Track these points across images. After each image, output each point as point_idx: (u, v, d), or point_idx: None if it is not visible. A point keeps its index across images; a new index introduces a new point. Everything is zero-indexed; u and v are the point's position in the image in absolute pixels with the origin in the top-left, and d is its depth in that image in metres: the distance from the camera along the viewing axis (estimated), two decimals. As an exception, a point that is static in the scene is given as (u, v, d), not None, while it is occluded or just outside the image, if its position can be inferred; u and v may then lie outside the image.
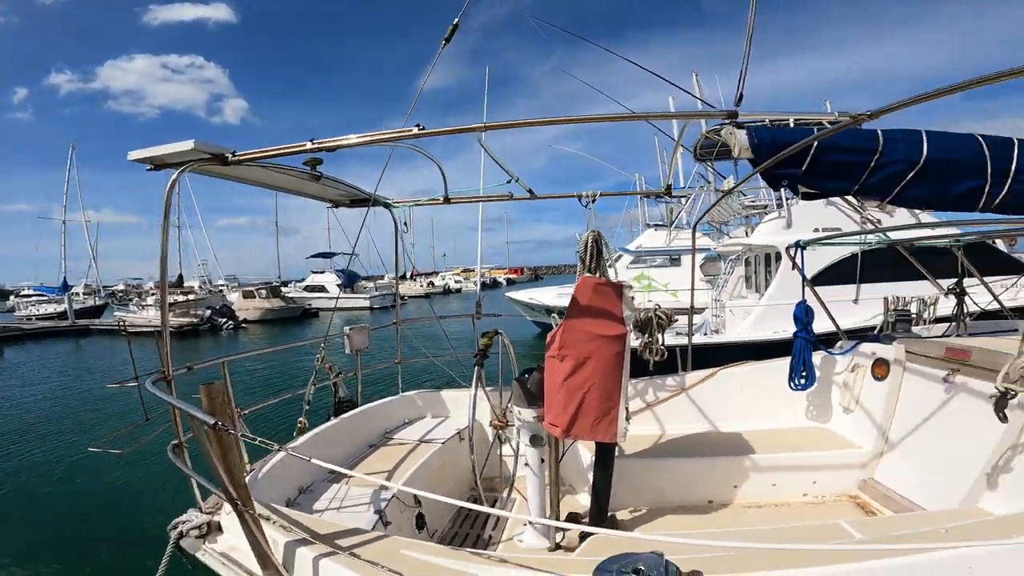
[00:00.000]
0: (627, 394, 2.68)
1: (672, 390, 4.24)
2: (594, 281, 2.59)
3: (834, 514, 3.27)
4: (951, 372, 3.11)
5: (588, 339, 2.54)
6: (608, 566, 1.51)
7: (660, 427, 4.11)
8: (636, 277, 16.84)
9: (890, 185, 3.00)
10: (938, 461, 3.05)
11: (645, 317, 4.27)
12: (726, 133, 3.35)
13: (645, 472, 3.57)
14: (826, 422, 4.02)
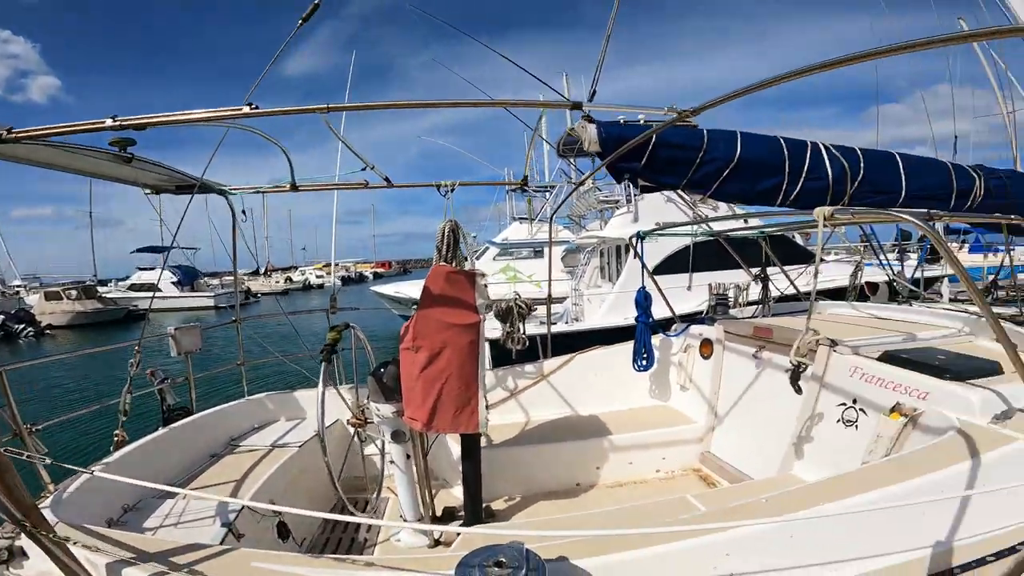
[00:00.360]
0: (485, 383, 2.68)
1: (533, 377, 4.35)
2: (446, 270, 2.54)
3: (682, 488, 3.54)
4: (759, 348, 3.52)
5: (442, 328, 2.49)
6: (470, 561, 1.46)
7: (525, 414, 4.20)
8: (502, 269, 17.27)
9: (711, 180, 3.35)
10: (758, 432, 3.39)
11: (506, 307, 4.35)
12: (578, 127, 3.48)
13: (514, 460, 3.61)
14: (667, 400, 4.38)
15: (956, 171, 3.62)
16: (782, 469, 3.01)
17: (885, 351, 2.85)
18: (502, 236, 18.39)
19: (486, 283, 2.57)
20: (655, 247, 10.53)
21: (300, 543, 2.95)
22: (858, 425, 2.70)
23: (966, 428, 2.11)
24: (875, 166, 3.44)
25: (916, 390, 2.46)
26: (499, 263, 17.48)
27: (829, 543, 1.83)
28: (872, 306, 4.26)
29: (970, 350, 2.86)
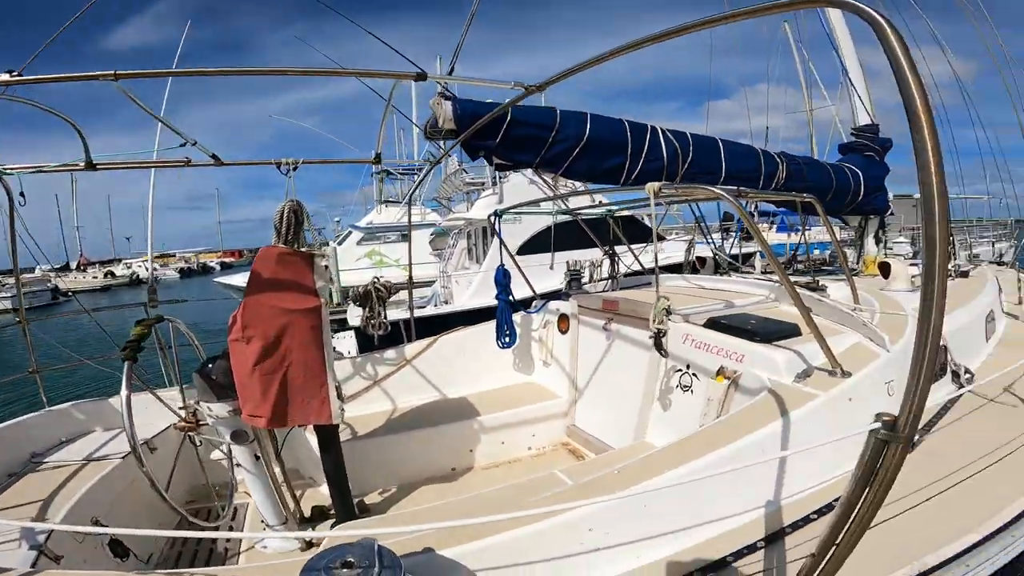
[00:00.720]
0: (335, 371, 2.49)
1: (396, 363, 4.18)
2: (277, 251, 2.29)
3: (553, 463, 3.59)
4: (608, 320, 3.71)
5: (277, 315, 2.24)
6: (315, 564, 1.31)
7: (391, 402, 4.03)
8: (367, 253, 16.59)
9: (562, 159, 3.45)
10: (614, 402, 3.56)
11: (364, 291, 4.11)
12: (434, 104, 3.37)
13: (384, 450, 3.45)
14: (532, 376, 4.46)
15: (764, 157, 4.15)
16: (637, 437, 3.19)
17: (709, 318, 3.12)
18: (366, 220, 17.63)
19: (326, 264, 2.35)
20: (519, 228, 10.81)
21: (146, 559, 2.60)
22: (693, 390, 2.94)
23: (776, 388, 2.35)
24: (702, 149, 3.81)
25: (735, 353, 2.72)
26: (364, 247, 16.76)
27: (678, 509, 1.93)
28: (700, 278, 4.71)
29: (776, 314, 3.22)
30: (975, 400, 3.11)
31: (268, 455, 2.66)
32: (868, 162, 5.29)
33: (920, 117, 1.15)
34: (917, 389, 1.20)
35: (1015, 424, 2.89)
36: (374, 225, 17.01)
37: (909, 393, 1.21)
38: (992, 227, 14.54)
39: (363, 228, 17.23)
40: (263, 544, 2.69)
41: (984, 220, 14.80)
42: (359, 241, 16.96)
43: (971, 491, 2.26)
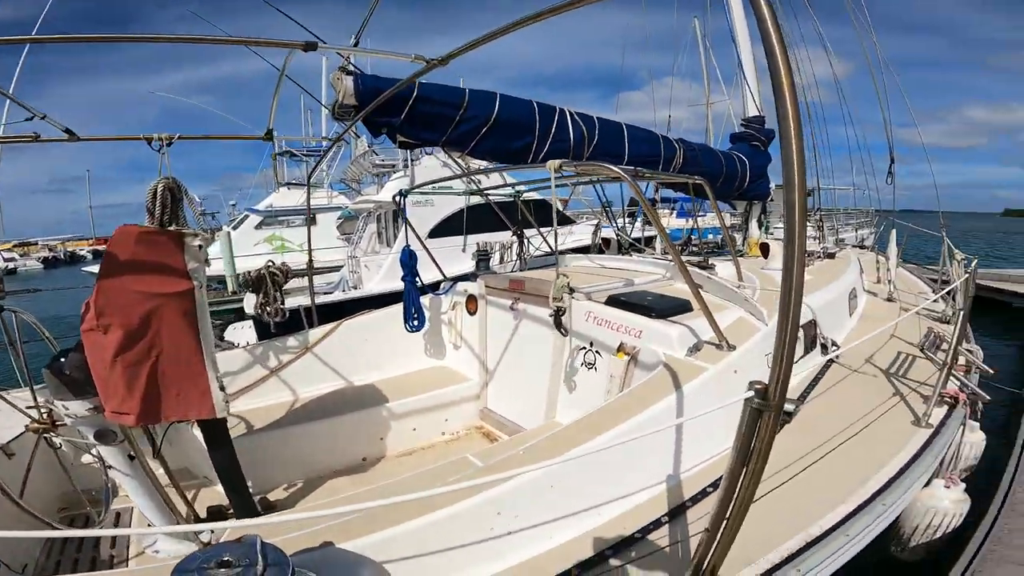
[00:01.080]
0: (215, 360, 2.26)
1: (296, 351, 3.92)
2: (137, 230, 2.02)
3: (467, 448, 3.54)
4: (515, 300, 3.72)
5: (140, 301, 1.98)
6: (187, 565, 1.17)
7: (291, 392, 3.79)
8: (267, 238, 15.54)
9: (469, 138, 3.40)
10: (524, 383, 3.57)
11: (256, 275, 3.81)
12: (334, 78, 3.20)
13: (286, 443, 3.24)
14: (442, 359, 4.39)
15: (664, 142, 4.36)
16: (547, 416, 3.23)
17: (610, 295, 3.21)
18: (266, 203, 16.46)
19: (201, 244, 2.11)
20: (430, 211, 10.60)
21: (21, 570, 2.35)
22: (597, 367, 3.02)
23: (670, 362, 2.46)
24: (607, 133, 3.91)
25: (633, 329, 2.82)
26: (263, 232, 15.67)
27: (586, 488, 1.97)
28: (603, 258, 4.86)
29: (671, 292, 3.40)
30: (842, 370, 3.48)
31: (140, 454, 2.39)
32: (754, 151, 5.74)
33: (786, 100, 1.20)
34: (783, 358, 1.28)
35: (876, 391, 3.27)
36: (274, 208, 15.92)
37: (776, 363, 1.29)
38: (856, 215, 16.45)
39: (262, 211, 16.10)
40: (154, 548, 2.49)
41: (850, 209, 16.71)
42: (258, 225, 15.83)
43: (844, 459, 2.49)
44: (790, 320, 1.26)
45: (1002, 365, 7.35)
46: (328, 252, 13.34)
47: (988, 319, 10.32)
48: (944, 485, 2.81)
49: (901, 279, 6.46)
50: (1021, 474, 3.74)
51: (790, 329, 1.26)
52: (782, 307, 1.26)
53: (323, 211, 16.15)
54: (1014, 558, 2.89)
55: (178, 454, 2.98)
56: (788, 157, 1.23)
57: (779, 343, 1.28)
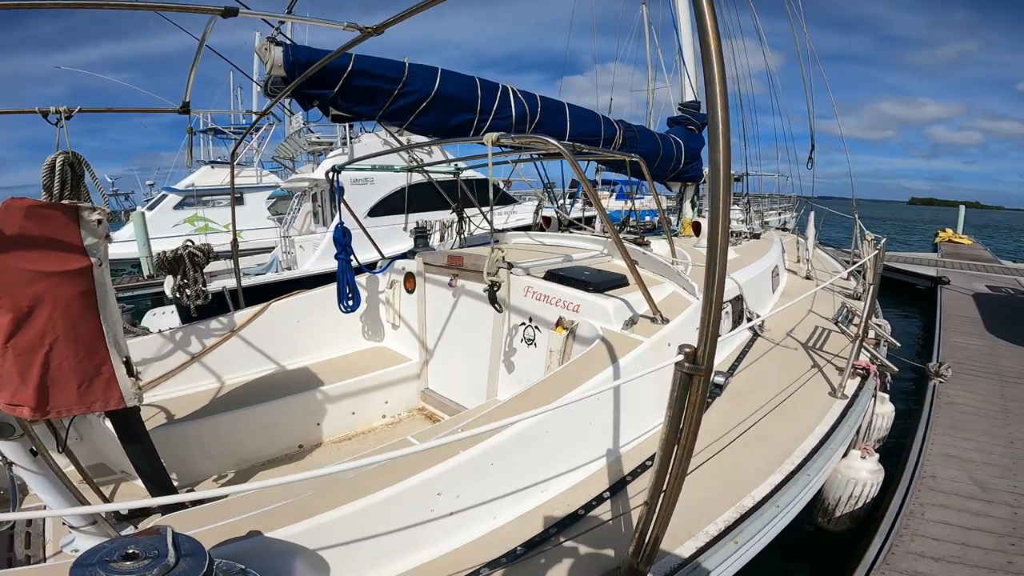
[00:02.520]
0: (123, 343, 2.07)
1: (220, 334, 3.67)
2: (26, 203, 1.80)
3: (408, 430, 3.48)
4: (454, 276, 3.65)
5: (30, 280, 1.77)
6: (87, 560, 1.06)
7: (217, 378, 3.57)
8: (188, 219, 14.53)
9: (407, 113, 3.26)
10: (465, 361, 3.53)
11: (173, 255, 3.54)
12: (261, 48, 2.98)
13: (214, 432, 3.06)
14: (380, 340, 4.26)
15: (604, 122, 4.38)
16: (489, 394, 3.21)
17: (548, 270, 3.22)
18: (186, 182, 15.35)
19: (100, 218, 1.91)
20: (370, 189, 10.23)
21: None
22: (536, 343, 3.02)
23: (607, 335, 2.49)
24: (549, 110, 3.88)
25: (571, 303, 2.84)
26: (184, 212, 14.64)
27: (527, 465, 1.95)
28: (542, 235, 4.88)
29: (609, 267, 3.46)
30: (766, 344, 3.69)
31: (42, 449, 2.18)
32: (689, 134, 5.92)
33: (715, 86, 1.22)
34: (710, 322, 1.31)
35: (797, 364, 3.49)
36: (195, 187, 14.83)
37: (703, 327, 1.33)
38: (780, 201, 17.45)
39: (182, 191, 15.00)
40: (72, 547, 2.29)
41: (775, 195, 17.69)
42: (177, 205, 14.76)
43: (770, 429, 2.63)
44: (715, 286, 1.29)
45: (907, 341, 8.10)
46: (258, 233, 12.65)
47: (895, 299, 11.30)
48: (860, 455, 3.05)
49: (818, 259, 6.92)
50: (928, 447, 4.02)
51: (716, 294, 1.29)
52: (708, 274, 1.29)
53: (252, 190, 15.27)
54: (929, 532, 3.07)
55: (91, 448, 2.77)
56: (715, 138, 1.26)
57: (705, 307, 1.32)
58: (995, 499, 3.39)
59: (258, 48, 2.99)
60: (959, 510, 3.27)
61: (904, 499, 3.35)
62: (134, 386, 2.07)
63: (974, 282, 11.12)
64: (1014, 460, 3.88)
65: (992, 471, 3.73)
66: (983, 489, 3.49)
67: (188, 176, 15.75)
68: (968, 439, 4.17)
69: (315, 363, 3.87)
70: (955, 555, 2.86)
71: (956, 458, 3.89)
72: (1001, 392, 5.12)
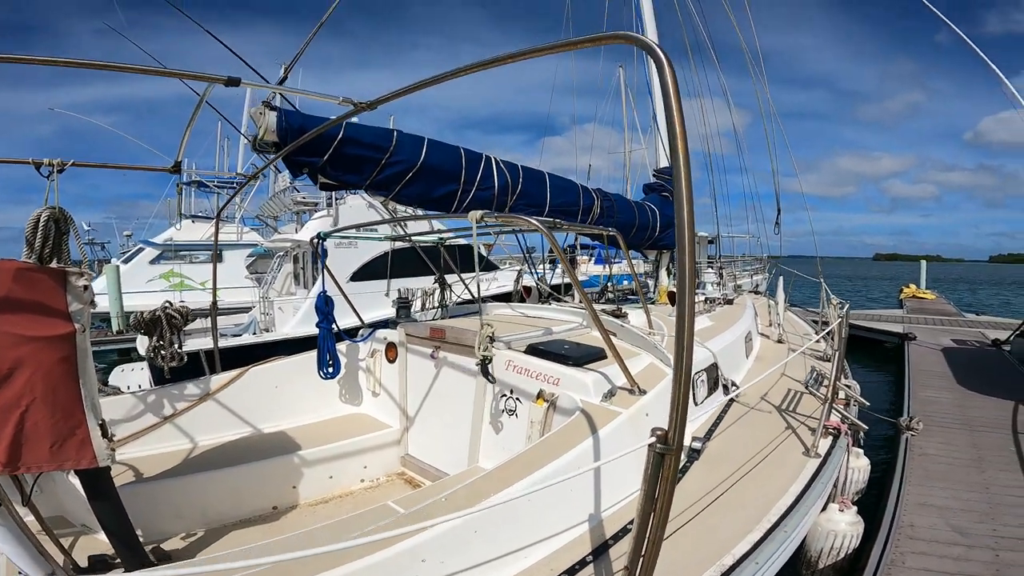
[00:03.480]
0: (98, 406, 2.06)
1: (194, 398, 3.66)
2: (13, 266, 1.84)
3: (388, 494, 3.42)
4: (436, 348, 3.70)
5: (12, 344, 1.79)
6: None
7: (189, 439, 3.54)
8: (164, 274, 14.35)
9: (394, 182, 3.41)
10: (447, 429, 3.53)
11: (150, 317, 3.54)
12: (255, 113, 3.13)
13: (183, 491, 3.01)
14: (360, 407, 4.25)
15: (583, 192, 4.60)
16: (471, 461, 3.21)
17: (529, 344, 3.30)
18: (165, 236, 15.28)
19: (86, 284, 1.95)
20: (353, 254, 10.33)
21: None
22: (518, 413, 3.06)
23: (586, 407, 2.56)
24: (531, 181, 4.08)
25: (552, 376, 2.91)
26: (161, 267, 14.48)
27: (510, 531, 1.96)
28: (524, 306, 4.97)
29: (588, 340, 3.53)
30: (741, 408, 3.77)
31: (7, 501, 2.12)
32: (664, 201, 6.18)
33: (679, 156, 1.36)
34: (679, 405, 1.41)
35: (771, 426, 3.58)
36: (173, 242, 14.76)
37: (673, 409, 1.42)
38: (752, 261, 18.05)
39: (159, 245, 14.90)
40: None
41: (747, 256, 18.32)
42: (154, 259, 14.62)
43: (748, 490, 2.70)
44: (683, 370, 1.38)
45: (881, 396, 8.28)
46: (234, 292, 12.52)
47: (866, 356, 11.61)
48: (839, 509, 3.14)
49: (789, 322, 7.14)
50: (904, 497, 4.11)
51: (683, 379, 1.39)
52: (676, 359, 1.40)
53: (232, 248, 15.22)
54: None
55: (51, 501, 2.73)
56: (680, 220, 1.38)
57: (675, 392, 1.41)
58: (976, 543, 3.44)
59: (252, 112, 3.11)
60: (940, 556, 3.32)
61: (884, 549, 3.39)
62: (107, 447, 2.07)
63: (940, 337, 11.52)
64: (991, 505, 3.95)
65: (970, 517, 3.79)
66: (963, 535, 3.54)
67: (167, 230, 15.69)
68: (943, 488, 4.26)
69: (292, 428, 3.84)
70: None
71: (933, 507, 3.96)
72: (973, 442, 5.27)
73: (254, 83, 2.63)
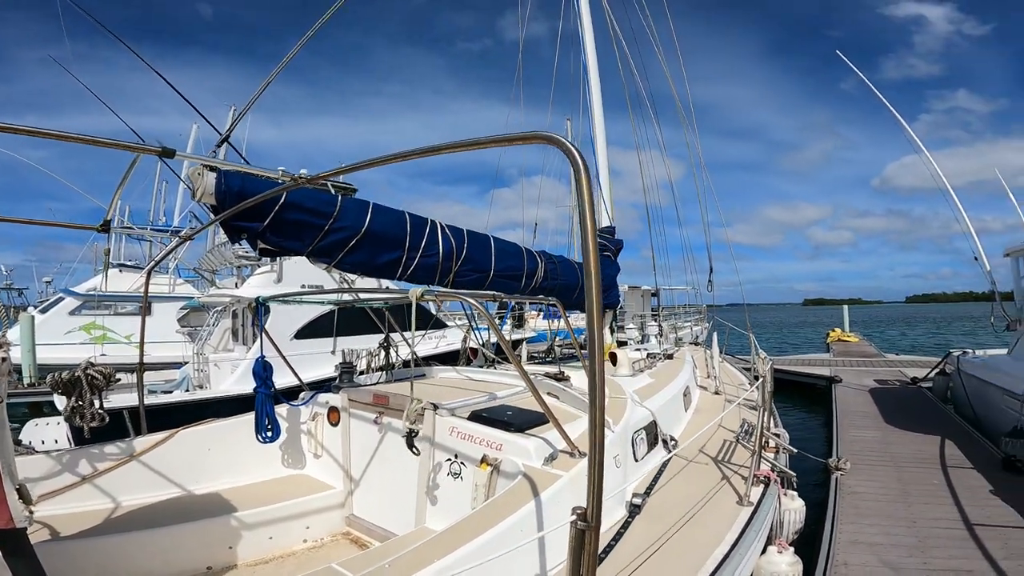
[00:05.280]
0: (14, 467, 1.96)
1: (118, 458, 3.50)
2: None
3: (333, 555, 3.34)
4: (379, 415, 3.69)
5: None
6: None
7: (112, 500, 3.39)
8: (85, 326, 13.41)
9: (337, 250, 3.36)
10: (393, 490, 3.51)
11: (69, 377, 3.42)
12: (193, 173, 3.00)
13: (107, 551, 2.92)
14: (302, 469, 4.14)
15: (527, 256, 4.71)
16: (417, 522, 3.19)
17: (472, 411, 3.35)
18: (88, 285, 14.37)
19: (4, 356, 1.89)
20: (299, 311, 10.07)
21: None
22: (462, 477, 3.08)
23: (528, 472, 2.64)
24: (475, 246, 4.13)
25: (495, 443, 2.97)
26: (80, 319, 13.54)
27: None
28: (468, 370, 5.03)
29: (532, 404, 3.50)
30: (680, 462, 3.91)
31: None
32: (606, 261, 6.36)
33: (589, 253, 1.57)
34: (595, 485, 1.52)
35: (708, 478, 3.73)
36: (98, 292, 13.87)
37: (591, 488, 1.55)
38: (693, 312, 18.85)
39: (82, 295, 13.97)
40: None
41: (688, 306, 19.12)
42: (74, 310, 13.67)
43: (686, 541, 2.83)
44: (596, 451, 1.50)
45: (814, 438, 8.70)
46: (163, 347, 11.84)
47: (798, 399, 12.23)
48: (777, 551, 3.25)
49: (725, 371, 7.46)
50: (837, 536, 4.26)
51: (597, 460, 1.51)
52: (591, 446, 1.53)
53: (162, 300, 14.45)
54: None
55: None
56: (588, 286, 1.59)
57: (591, 474, 1.53)
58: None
59: (191, 172, 2.99)
60: None
61: None
62: (25, 509, 1.97)
63: (863, 378, 12.32)
64: (919, 539, 4.12)
65: (900, 552, 3.93)
66: (895, 570, 3.66)
67: (91, 278, 14.75)
68: (872, 524, 4.41)
69: (227, 488, 3.72)
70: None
71: (864, 544, 4.08)
72: (898, 477, 5.54)
73: (188, 155, 2.64)
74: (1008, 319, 8.51)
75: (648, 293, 12.42)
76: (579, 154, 1.57)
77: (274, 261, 10.49)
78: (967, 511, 4.62)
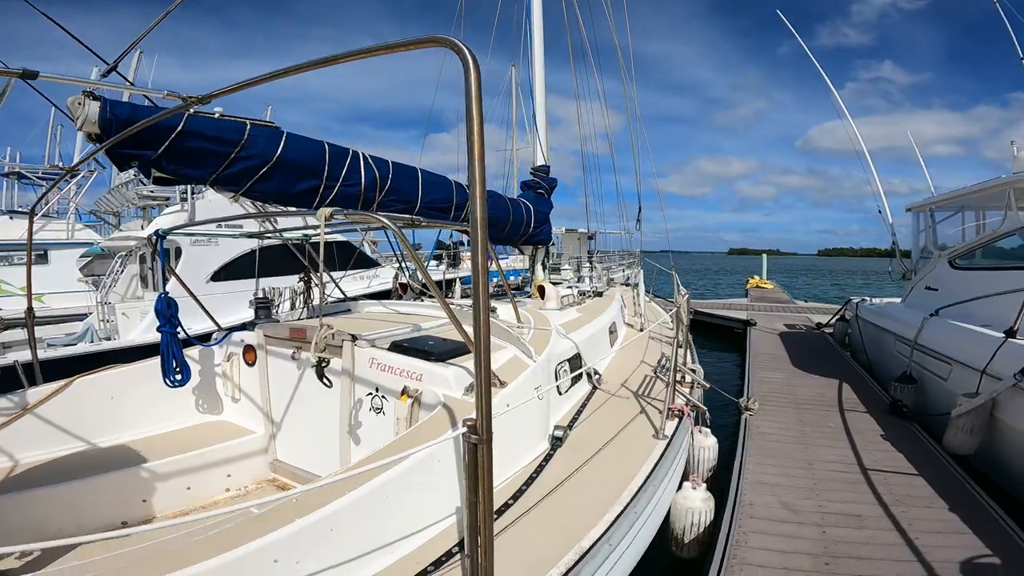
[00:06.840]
0: None
1: (10, 412, 3.20)
2: None
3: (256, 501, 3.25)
4: (296, 349, 3.55)
5: None
6: None
7: (8, 457, 3.14)
8: (-28, 279, 11.98)
9: (244, 178, 3.13)
10: (315, 431, 3.42)
11: None
12: (73, 103, 2.70)
13: (8, 510, 2.74)
14: (219, 414, 3.96)
15: (457, 188, 4.56)
16: (343, 462, 3.14)
17: (394, 341, 3.28)
18: (-25, 234, 12.73)
19: None
20: (215, 251, 9.42)
21: None
22: (384, 411, 3.03)
23: (448, 401, 2.61)
24: (401, 177, 3.96)
25: (415, 372, 2.93)
26: None
27: (371, 528, 1.95)
28: (397, 304, 4.92)
29: (455, 335, 3.51)
30: (603, 396, 4.05)
31: None
32: (539, 198, 6.37)
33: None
34: (482, 397, 1.52)
35: (628, 410, 3.89)
36: None
37: (478, 402, 1.52)
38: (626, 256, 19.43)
39: None
40: None
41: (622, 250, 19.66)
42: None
43: (605, 473, 2.91)
44: (483, 363, 1.50)
45: (727, 377, 9.31)
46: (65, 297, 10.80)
47: (719, 342, 13.04)
48: (692, 487, 3.39)
49: (652, 311, 7.79)
50: (744, 476, 4.34)
51: (484, 372, 1.50)
52: (475, 354, 1.50)
53: (60, 247, 13.07)
54: (755, 559, 3.20)
55: None
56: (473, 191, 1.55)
57: (478, 387, 1.51)
58: (805, 520, 3.61)
59: (70, 102, 2.71)
60: (775, 535, 3.43)
61: (730, 527, 3.54)
62: None
63: (776, 322, 13.18)
64: (815, 481, 4.20)
65: (798, 493, 3.99)
66: (793, 512, 3.70)
67: None
68: (775, 465, 4.51)
69: (136, 439, 3.52)
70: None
71: (767, 484, 4.15)
72: (799, 418, 5.75)
73: (55, 76, 2.29)
74: (905, 269, 9.00)
75: (585, 236, 12.66)
76: (470, 53, 1.48)
77: (185, 202, 9.66)
78: (860, 454, 4.77)
